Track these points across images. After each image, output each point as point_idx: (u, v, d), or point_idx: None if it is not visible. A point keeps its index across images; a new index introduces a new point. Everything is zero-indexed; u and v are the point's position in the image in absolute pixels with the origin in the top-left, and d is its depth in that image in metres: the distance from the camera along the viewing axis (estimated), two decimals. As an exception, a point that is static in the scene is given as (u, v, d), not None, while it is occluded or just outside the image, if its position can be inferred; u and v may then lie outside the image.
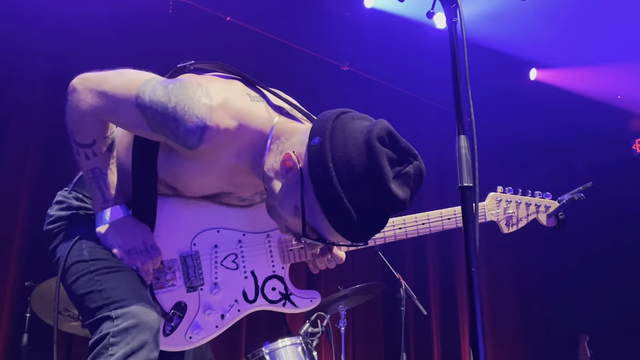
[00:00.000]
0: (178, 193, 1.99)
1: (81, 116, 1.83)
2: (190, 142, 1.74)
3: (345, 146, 1.65)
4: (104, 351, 1.69)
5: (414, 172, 1.69)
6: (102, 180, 1.89)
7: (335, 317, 4.27)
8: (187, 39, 5.32)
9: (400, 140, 1.69)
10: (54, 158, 4.56)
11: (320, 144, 1.67)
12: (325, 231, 1.73)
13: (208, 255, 2.09)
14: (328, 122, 1.71)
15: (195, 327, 2.07)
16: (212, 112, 1.73)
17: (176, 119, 1.72)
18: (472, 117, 1.75)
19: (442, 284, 6.80)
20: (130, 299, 1.76)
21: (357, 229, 1.69)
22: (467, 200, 1.67)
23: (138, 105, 1.76)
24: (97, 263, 1.85)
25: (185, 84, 1.76)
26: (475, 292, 1.58)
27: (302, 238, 1.77)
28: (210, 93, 1.75)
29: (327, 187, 1.65)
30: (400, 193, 1.65)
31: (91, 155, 1.87)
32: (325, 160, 1.65)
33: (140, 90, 1.77)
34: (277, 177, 1.78)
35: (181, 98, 1.73)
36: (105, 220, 1.91)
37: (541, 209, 2.45)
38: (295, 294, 2.16)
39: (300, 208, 1.72)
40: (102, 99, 1.80)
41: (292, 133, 1.81)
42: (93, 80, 1.83)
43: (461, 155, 1.69)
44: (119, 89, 1.80)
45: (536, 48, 6.43)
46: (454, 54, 1.78)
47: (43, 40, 4.78)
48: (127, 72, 1.86)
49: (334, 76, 6.20)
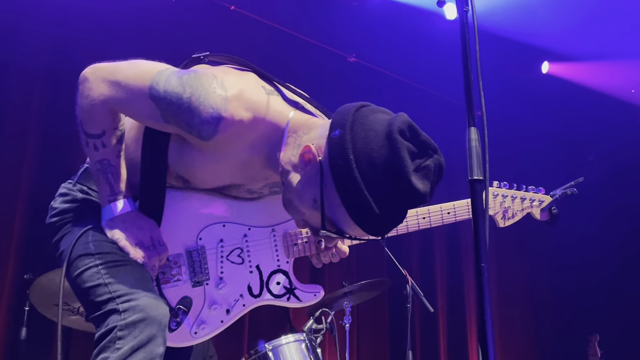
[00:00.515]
0: (189, 185, 1.99)
1: (92, 106, 1.82)
2: (204, 132, 1.73)
3: (366, 138, 1.66)
4: (111, 345, 1.68)
5: (434, 166, 1.69)
6: (110, 172, 1.88)
7: (340, 313, 4.24)
8: (190, 28, 5.29)
9: (421, 134, 1.69)
10: (53, 151, 4.56)
11: (341, 136, 1.68)
12: (344, 224, 1.73)
13: (214, 250, 2.09)
14: (348, 115, 1.72)
15: (201, 322, 2.07)
16: (227, 103, 1.73)
17: (191, 110, 1.72)
18: (483, 109, 1.72)
19: (449, 280, 6.76)
20: (138, 293, 1.75)
21: (377, 221, 1.69)
22: (476, 193, 1.64)
23: (151, 95, 1.76)
24: (103, 257, 1.84)
25: (200, 75, 1.76)
26: (485, 288, 1.55)
27: (320, 231, 1.76)
28: (225, 84, 1.76)
29: (348, 179, 1.65)
30: (420, 186, 1.65)
31: (100, 146, 1.86)
32: (346, 152, 1.65)
33: (154, 81, 1.76)
34: (295, 170, 1.78)
35: (196, 88, 1.72)
36: (112, 214, 1.89)
37: (535, 204, 2.51)
38: (300, 288, 2.17)
39: (319, 201, 1.72)
40: (115, 89, 1.80)
41: (309, 127, 1.82)
42: (106, 70, 1.83)
43: (471, 148, 1.66)
44: (132, 79, 1.79)
45: (549, 40, 6.35)
46: (465, 43, 1.75)
47: (44, 32, 4.76)
48: (141, 63, 1.85)
49: (340, 68, 6.14)
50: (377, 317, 6.07)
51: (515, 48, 6.30)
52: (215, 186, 1.99)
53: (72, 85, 4.95)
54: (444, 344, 6.53)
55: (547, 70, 6.78)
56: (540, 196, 2.51)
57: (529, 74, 6.76)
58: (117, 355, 1.65)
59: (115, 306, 1.73)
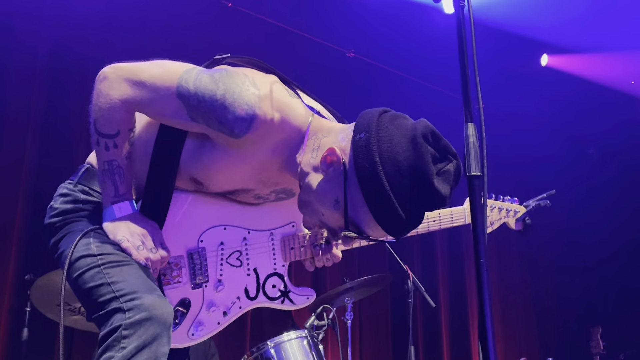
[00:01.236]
0: (201, 188, 1.99)
1: (111, 105, 1.81)
2: (238, 129, 1.75)
3: (391, 142, 1.71)
4: (116, 344, 1.67)
5: (454, 170, 1.75)
6: (118, 173, 1.87)
7: (342, 309, 4.24)
8: (188, 26, 5.28)
9: (442, 139, 1.75)
10: (52, 152, 4.55)
11: (366, 139, 1.73)
12: (366, 225, 1.78)
13: (214, 252, 2.10)
14: (373, 119, 1.77)
15: (199, 324, 2.07)
16: (260, 102, 1.76)
17: (225, 106, 1.74)
18: (480, 104, 1.74)
19: (450, 275, 6.75)
20: (141, 292, 1.74)
21: (400, 223, 1.74)
22: (475, 189, 1.65)
23: (179, 94, 1.77)
24: (105, 257, 1.82)
25: (232, 73, 1.79)
26: (484, 283, 1.56)
27: (341, 232, 1.81)
28: (257, 83, 1.79)
29: (373, 181, 1.70)
30: (442, 189, 1.71)
31: (112, 146, 1.85)
32: (372, 155, 1.70)
33: (182, 79, 1.78)
34: (315, 172, 1.82)
35: (230, 86, 1.75)
36: (114, 215, 1.89)
37: (510, 214, 2.60)
38: (293, 291, 2.21)
39: (341, 202, 1.76)
40: (139, 89, 1.80)
41: (328, 131, 1.86)
42: (128, 70, 1.82)
43: (469, 144, 1.67)
44: (159, 79, 1.80)
45: (548, 33, 6.32)
46: (462, 39, 1.76)
47: (42, 32, 4.76)
48: (165, 62, 1.86)
49: (339, 63, 6.12)
50: (379, 312, 6.06)
51: (513, 41, 6.29)
52: (227, 190, 2.00)
53: (71, 86, 4.97)
54: (446, 339, 6.52)
55: (546, 62, 6.76)
56: (515, 206, 2.60)
57: (528, 67, 6.74)
58: (122, 355, 1.64)
59: (119, 305, 1.72)
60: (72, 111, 4.66)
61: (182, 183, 1.98)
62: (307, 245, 2.18)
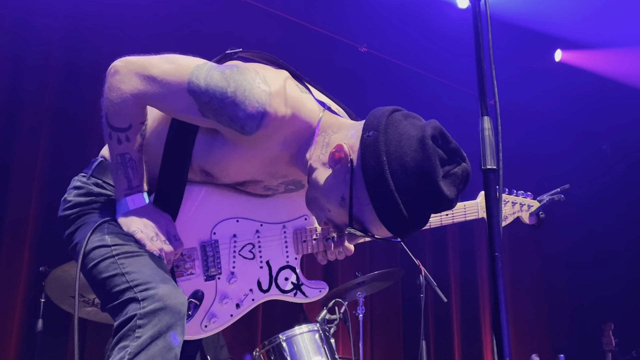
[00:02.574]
0: (211, 180, 1.99)
1: (122, 99, 1.81)
2: (249, 126, 1.75)
3: (399, 142, 1.71)
4: (131, 333, 1.68)
5: (462, 173, 1.75)
6: (130, 166, 1.87)
7: (353, 304, 4.24)
8: (200, 18, 5.28)
9: (451, 141, 1.74)
10: (66, 144, 4.58)
11: (374, 138, 1.72)
12: (370, 223, 1.78)
13: (227, 245, 2.10)
14: (382, 118, 1.76)
15: (211, 315, 2.08)
16: (271, 98, 1.76)
17: (236, 104, 1.73)
18: (496, 98, 1.73)
19: (462, 270, 6.74)
20: (156, 282, 1.74)
21: (403, 223, 1.74)
22: (490, 183, 1.65)
23: (190, 90, 1.77)
24: (119, 248, 1.83)
25: (242, 70, 1.78)
26: (499, 277, 1.56)
27: (346, 229, 1.81)
28: (267, 80, 1.78)
29: (379, 180, 1.70)
30: (448, 192, 1.71)
31: (124, 139, 1.86)
32: (379, 154, 1.70)
33: (193, 75, 1.77)
34: (323, 168, 1.82)
35: (241, 83, 1.75)
36: (128, 207, 1.89)
37: (524, 208, 2.60)
38: (306, 284, 2.21)
39: (347, 199, 1.76)
40: (150, 83, 1.80)
41: (338, 127, 1.87)
42: (139, 64, 1.82)
43: (485, 137, 1.67)
44: (170, 74, 1.80)
45: (562, 28, 6.27)
46: (478, 32, 1.75)
47: (55, 25, 4.79)
48: (176, 57, 1.85)
49: (351, 58, 6.10)
50: (391, 307, 6.06)
51: (527, 36, 6.24)
52: (237, 181, 2.00)
53: (85, 79, 4.99)
54: (457, 334, 6.51)
55: (560, 58, 6.70)
56: (529, 201, 2.60)
57: (542, 63, 6.68)
58: (136, 344, 1.65)
59: (134, 295, 1.72)
60: (85, 104, 4.69)
61: (193, 174, 1.98)
62: (319, 238, 2.18)
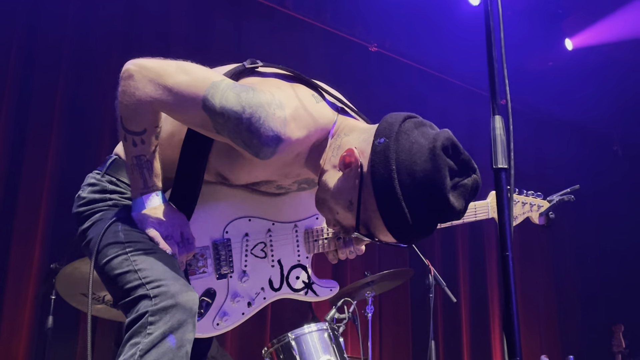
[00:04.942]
0: (226, 182, 2.00)
1: (137, 105, 1.79)
2: (263, 153, 1.76)
3: (410, 151, 1.71)
4: (142, 330, 1.68)
5: (472, 185, 1.76)
6: (146, 167, 1.87)
7: (362, 303, 4.24)
8: (210, 17, 5.28)
9: (462, 153, 1.75)
10: (77, 142, 4.60)
11: (385, 145, 1.73)
12: (376, 229, 1.79)
13: (239, 243, 2.11)
14: (395, 125, 1.77)
15: (223, 314, 2.09)
16: (286, 125, 1.75)
17: (251, 131, 1.73)
18: (507, 97, 1.71)
19: (472, 270, 6.72)
20: (168, 280, 1.75)
21: (409, 232, 1.75)
22: (501, 182, 1.63)
23: (205, 107, 1.75)
24: (132, 245, 1.84)
25: (258, 94, 1.76)
26: (511, 276, 1.55)
27: (352, 233, 1.84)
28: (283, 103, 1.77)
29: (387, 188, 1.71)
30: (456, 203, 1.72)
31: (139, 142, 1.85)
32: (389, 162, 1.71)
33: (208, 93, 1.75)
34: (333, 170, 1.84)
35: (256, 109, 1.73)
36: (143, 206, 1.89)
37: (534, 208, 2.59)
38: (317, 283, 2.22)
39: (355, 203, 1.77)
40: (165, 93, 1.78)
41: (350, 129, 1.88)
42: (154, 71, 1.78)
43: (496, 136, 1.65)
44: (185, 87, 1.77)
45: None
46: (489, 30, 1.72)
47: (66, 22, 4.81)
48: (192, 69, 1.82)
49: (361, 57, 6.09)
50: (400, 306, 6.06)
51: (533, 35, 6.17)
52: (251, 182, 2.02)
53: (96, 78, 5.00)
54: (466, 334, 6.49)
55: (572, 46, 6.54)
56: (539, 201, 2.59)
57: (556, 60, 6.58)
58: (148, 341, 1.66)
59: (146, 292, 1.73)
60: (96, 103, 4.71)
61: (208, 175, 1.99)
62: (330, 238, 2.19)
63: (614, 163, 7.64)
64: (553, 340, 7.20)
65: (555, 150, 7.43)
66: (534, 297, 7.16)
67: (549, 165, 7.40)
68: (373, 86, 6.14)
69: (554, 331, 7.28)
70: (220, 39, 5.23)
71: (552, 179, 7.38)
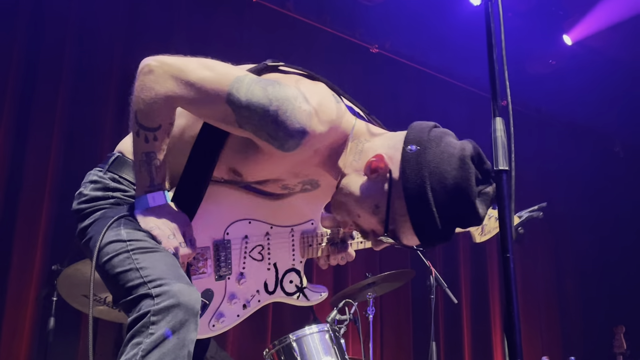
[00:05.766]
0: (239, 178, 2.00)
1: (155, 100, 1.79)
2: (287, 145, 1.78)
3: (441, 159, 1.78)
4: (144, 329, 1.67)
5: (492, 193, 1.81)
6: (154, 164, 1.86)
7: (364, 304, 4.24)
8: (211, 20, 5.29)
9: (486, 162, 1.82)
10: (79, 142, 4.60)
11: (417, 153, 1.79)
12: (402, 233, 1.84)
13: (238, 245, 2.12)
14: (424, 133, 1.83)
15: (220, 315, 2.09)
16: (311, 118, 1.78)
17: (277, 123, 1.75)
18: (508, 99, 1.72)
19: (473, 271, 6.72)
20: (170, 279, 1.73)
21: (436, 236, 1.82)
22: (502, 184, 1.64)
23: (229, 101, 1.77)
24: (134, 243, 1.82)
25: (284, 88, 1.79)
26: (512, 278, 1.56)
27: (372, 234, 1.89)
28: (307, 97, 1.80)
29: (419, 194, 1.76)
30: (480, 210, 1.79)
31: (151, 139, 1.85)
32: (421, 169, 1.77)
33: (233, 87, 1.77)
34: (357, 174, 1.87)
35: (283, 102, 1.76)
36: (147, 204, 1.88)
37: None
38: (309, 288, 2.26)
39: (381, 208, 1.82)
40: (187, 89, 1.79)
41: (371, 135, 1.92)
42: (175, 67, 1.80)
43: (497, 138, 1.66)
44: (208, 82, 1.78)
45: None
46: (490, 31, 1.73)
47: (68, 23, 4.82)
48: (214, 64, 1.83)
49: (362, 59, 6.09)
50: (401, 308, 6.06)
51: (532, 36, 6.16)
52: (261, 179, 2.02)
53: (97, 78, 5.00)
54: (467, 335, 6.49)
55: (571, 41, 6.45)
56: None
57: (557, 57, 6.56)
58: (150, 340, 1.65)
59: (148, 291, 1.71)
60: (98, 103, 4.72)
61: (219, 172, 1.98)
62: (323, 243, 2.23)
63: (616, 164, 7.63)
64: (554, 341, 7.19)
65: (556, 151, 7.43)
66: (535, 298, 7.16)
67: (550, 167, 7.40)
68: (374, 87, 6.14)
69: (555, 332, 7.28)
70: (221, 40, 5.23)
71: (553, 179, 7.39)
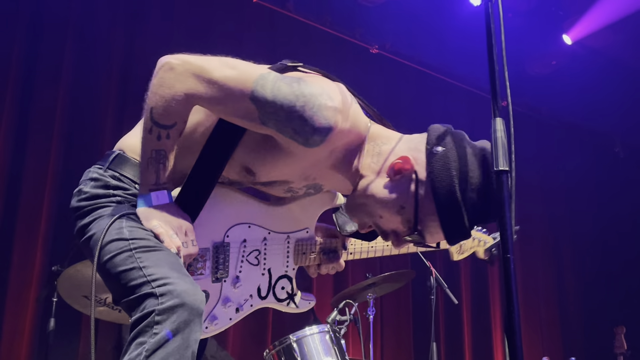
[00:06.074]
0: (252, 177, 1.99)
1: (173, 97, 1.79)
2: (312, 141, 1.81)
3: (465, 159, 1.85)
4: (149, 329, 1.66)
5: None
6: (162, 162, 1.85)
7: (364, 305, 4.24)
8: (210, 20, 5.29)
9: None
10: (79, 144, 4.59)
11: (444, 154, 1.85)
12: (428, 232, 1.91)
13: (237, 249, 2.12)
14: (446, 135, 1.90)
15: (213, 318, 2.08)
16: (336, 114, 1.81)
17: (304, 119, 1.77)
18: (508, 99, 1.71)
19: (473, 272, 6.71)
20: (173, 278, 1.72)
21: (462, 233, 1.89)
22: (502, 185, 1.63)
23: (254, 98, 1.78)
24: (137, 241, 1.81)
25: (309, 84, 1.82)
26: (512, 278, 1.56)
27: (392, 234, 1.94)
28: (331, 95, 1.83)
29: (448, 194, 1.83)
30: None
31: (164, 137, 1.84)
32: (449, 169, 1.83)
33: (258, 84, 1.78)
34: (378, 177, 1.92)
35: (309, 98, 1.78)
36: (151, 203, 1.87)
37: (481, 244, 2.76)
38: (298, 296, 2.28)
39: (407, 208, 1.88)
40: (209, 86, 1.79)
41: (388, 137, 1.96)
42: (197, 66, 1.80)
43: (497, 139, 1.65)
44: (232, 80, 1.80)
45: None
46: (490, 31, 1.72)
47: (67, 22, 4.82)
48: (236, 63, 1.85)
49: (362, 59, 6.09)
50: (401, 308, 6.05)
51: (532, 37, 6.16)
52: (272, 180, 2.02)
53: (97, 76, 5.01)
54: (468, 336, 6.49)
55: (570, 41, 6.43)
56: (485, 237, 2.76)
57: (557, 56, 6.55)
58: (154, 340, 1.64)
59: (152, 290, 1.70)
60: (98, 102, 4.72)
61: (231, 171, 1.98)
62: (316, 252, 2.25)
63: (616, 164, 7.63)
64: (555, 342, 7.19)
65: (556, 151, 7.43)
66: (536, 298, 7.16)
67: (550, 167, 7.40)
68: (374, 88, 6.13)
69: (555, 333, 7.27)
70: (221, 40, 5.23)
71: (553, 179, 7.39)
